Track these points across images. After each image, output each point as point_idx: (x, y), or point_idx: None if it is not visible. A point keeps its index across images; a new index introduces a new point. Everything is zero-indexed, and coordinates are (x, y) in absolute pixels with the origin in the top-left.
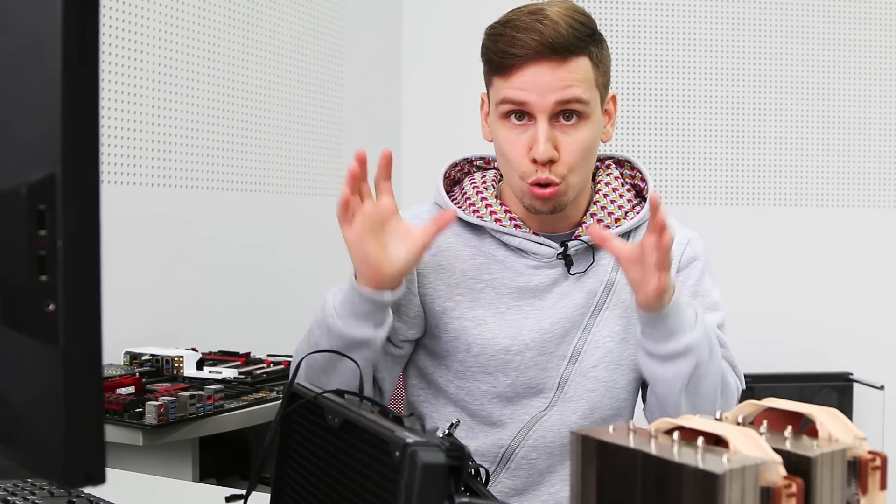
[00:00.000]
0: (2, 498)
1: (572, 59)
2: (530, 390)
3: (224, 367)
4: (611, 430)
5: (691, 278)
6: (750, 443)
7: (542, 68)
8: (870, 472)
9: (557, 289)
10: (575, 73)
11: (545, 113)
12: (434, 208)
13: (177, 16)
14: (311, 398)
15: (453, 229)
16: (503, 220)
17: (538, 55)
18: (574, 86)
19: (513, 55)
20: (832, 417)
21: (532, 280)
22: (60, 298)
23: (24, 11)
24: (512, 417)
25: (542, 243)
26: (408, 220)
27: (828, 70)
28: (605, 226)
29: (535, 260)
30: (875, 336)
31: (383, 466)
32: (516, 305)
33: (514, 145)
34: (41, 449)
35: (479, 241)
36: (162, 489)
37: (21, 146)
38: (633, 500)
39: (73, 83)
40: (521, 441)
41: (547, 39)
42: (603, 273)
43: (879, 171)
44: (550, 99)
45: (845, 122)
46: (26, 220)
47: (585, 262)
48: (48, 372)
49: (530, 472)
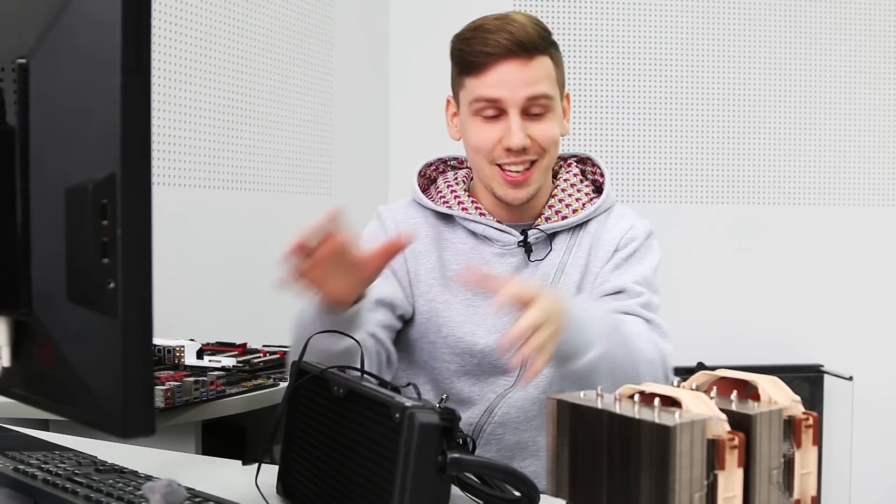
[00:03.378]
0: (36, 466)
1: (537, 57)
2: (496, 370)
3: (223, 356)
4: (581, 395)
5: (619, 258)
6: (700, 403)
7: (511, 66)
8: (803, 430)
9: (518, 276)
10: (540, 70)
11: (517, 107)
12: (412, 204)
13: (169, 20)
14: (318, 373)
15: (429, 220)
16: (469, 208)
17: (509, 53)
18: (541, 82)
19: (486, 54)
20: (772, 384)
21: (496, 268)
22: (119, 277)
23: (86, 38)
24: (480, 395)
25: (504, 231)
26: (384, 213)
27: (799, 67)
28: (563, 217)
29: (498, 248)
30: (844, 330)
31: (385, 428)
32: (482, 291)
33: (486, 137)
34: (101, 406)
35: (451, 233)
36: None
37: (87, 150)
38: (600, 451)
39: (129, 94)
40: (488, 418)
41: (517, 38)
42: (555, 257)
43: (849, 169)
44: (521, 94)
45: (819, 120)
46: (92, 212)
47: (544, 251)
48: (108, 341)
49: (499, 447)
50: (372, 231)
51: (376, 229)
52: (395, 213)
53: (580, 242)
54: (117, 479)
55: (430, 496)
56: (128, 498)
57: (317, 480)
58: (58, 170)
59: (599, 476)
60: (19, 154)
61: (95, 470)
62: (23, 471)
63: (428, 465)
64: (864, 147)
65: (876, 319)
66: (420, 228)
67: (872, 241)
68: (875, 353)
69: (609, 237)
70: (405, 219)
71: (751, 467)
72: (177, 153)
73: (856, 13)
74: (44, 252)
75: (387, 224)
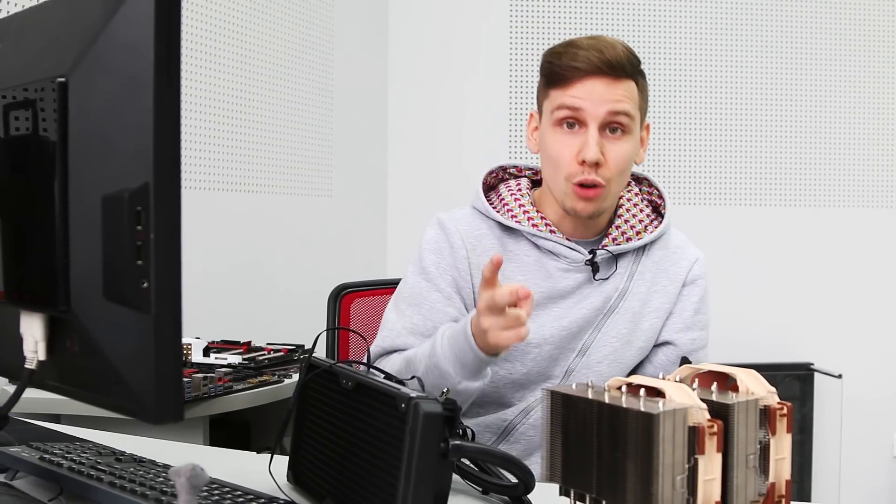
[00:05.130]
0: (60, 455)
1: (624, 80)
2: (541, 377)
3: (229, 353)
4: (573, 387)
5: (694, 295)
6: (682, 394)
7: (597, 83)
8: (778, 418)
9: (580, 291)
10: (625, 91)
11: (596, 121)
12: (473, 213)
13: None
14: (328, 367)
15: (494, 232)
16: (539, 224)
17: (597, 70)
18: (624, 101)
19: (575, 68)
20: (750, 376)
21: (560, 283)
22: (152, 278)
23: (121, 58)
24: (520, 399)
25: (573, 248)
26: (448, 223)
27: (792, 69)
28: (627, 238)
29: (564, 263)
30: (834, 329)
31: (391, 418)
32: (543, 304)
33: (564, 148)
34: (135, 395)
35: (514, 244)
36: (192, 452)
37: (122, 161)
38: (591, 438)
39: (161, 111)
40: (523, 419)
41: (606, 58)
42: (619, 280)
43: (839, 171)
44: (602, 109)
45: (807, 123)
46: (127, 219)
47: (608, 270)
48: (142, 335)
49: (526, 445)
50: (434, 240)
51: (439, 239)
52: (458, 222)
53: (642, 270)
54: (137, 468)
55: (433, 480)
56: (149, 484)
57: (326, 468)
58: (95, 179)
59: (590, 461)
60: (59, 165)
61: (116, 459)
62: (48, 460)
63: (431, 452)
64: (856, 149)
65: (865, 319)
66: (485, 241)
67: (862, 241)
68: (864, 352)
69: (676, 270)
70: (469, 229)
71: (729, 452)
72: (184, 158)
73: (857, 14)
74: (82, 255)
75: (452, 235)
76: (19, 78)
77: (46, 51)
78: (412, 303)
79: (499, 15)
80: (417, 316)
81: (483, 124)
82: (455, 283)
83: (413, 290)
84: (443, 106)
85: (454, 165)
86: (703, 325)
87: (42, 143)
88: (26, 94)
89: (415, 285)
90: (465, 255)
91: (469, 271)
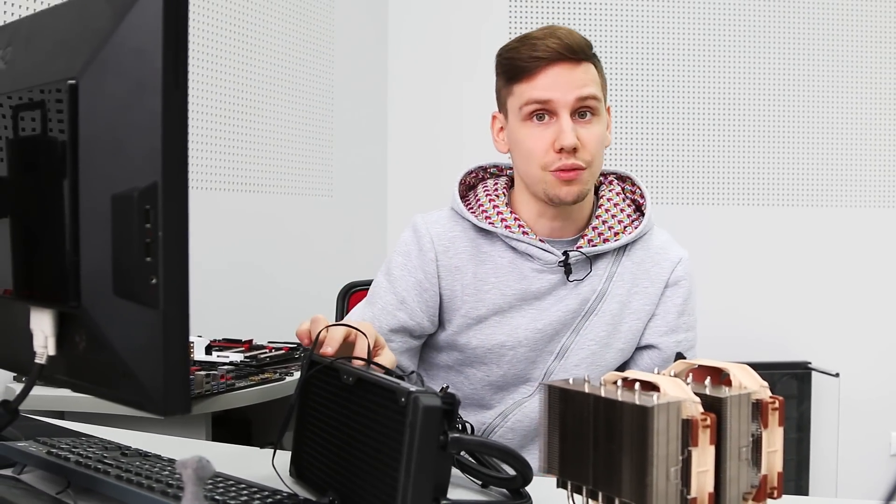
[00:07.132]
0: (67, 450)
1: (584, 62)
2: (519, 380)
3: (230, 351)
4: (570, 381)
5: (678, 297)
6: (676, 388)
7: (561, 69)
8: (770, 412)
9: (555, 293)
10: (588, 74)
11: (567, 108)
12: (451, 215)
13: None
14: (329, 363)
15: (468, 234)
16: (512, 226)
17: (559, 56)
18: (589, 85)
19: (537, 58)
20: (743, 371)
21: (534, 284)
22: (161, 274)
23: (130, 61)
24: (499, 402)
25: (546, 250)
26: (421, 226)
27: (788, 70)
28: (604, 239)
29: (538, 264)
30: (831, 328)
31: (391, 412)
32: (517, 306)
33: (538, 140)
34: (143, 388)
35: (489, 246)
36: (195, 447)
37: (131, 161)
38: (587, 431)
39: (169, 112)
40: (501, 422)
41: (565, 43)
42: (597, 282)
43: (838, 171)
44: (571, 96)
45: (805, 124)
46: (136, 217)
47: (583, 271)
48: (150, 330)
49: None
50: (404, 242)
51: (409, 241)
52: (432, 224)
53: (622, 271)
54: (143, 462)
55: (432, 472)
56: (155, 476)
57: (328, 462)
58: (105, 179)
59: (586, 453)
60: (69, 165)
61: (121, 454)
62: (55, 454)
63: (431, 444)
64: (854, 149)
65: (862, 318)
66: (458, 243)
67: (860, 241)
68: (861, 352)
69: (658, 271)
70: (443, 231)
71: (722, 445)
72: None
73: (853, 12)
74: (92, 252)
75: (422, 238)
76: (30, 80)
77: (57, 54)
78: (369, 300)
79: (498, 15)
80: (368, 313)
81: (483, 124)
82: (419, 286)
83: (374, 289)
84: (443, 106)
85: (454, 165)
86: (688, 327)
87: (53, 144)
88: (37, 95)
89: (377, 284)
90: (434, 257)
91: (437, 273)
